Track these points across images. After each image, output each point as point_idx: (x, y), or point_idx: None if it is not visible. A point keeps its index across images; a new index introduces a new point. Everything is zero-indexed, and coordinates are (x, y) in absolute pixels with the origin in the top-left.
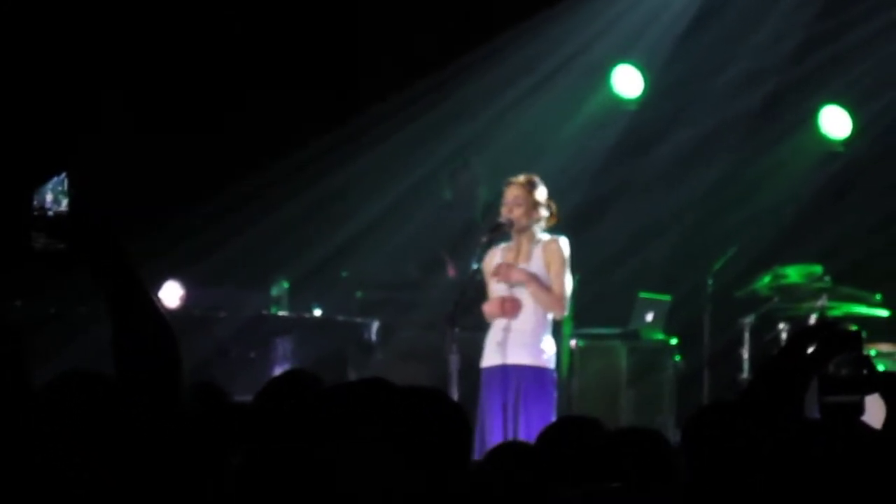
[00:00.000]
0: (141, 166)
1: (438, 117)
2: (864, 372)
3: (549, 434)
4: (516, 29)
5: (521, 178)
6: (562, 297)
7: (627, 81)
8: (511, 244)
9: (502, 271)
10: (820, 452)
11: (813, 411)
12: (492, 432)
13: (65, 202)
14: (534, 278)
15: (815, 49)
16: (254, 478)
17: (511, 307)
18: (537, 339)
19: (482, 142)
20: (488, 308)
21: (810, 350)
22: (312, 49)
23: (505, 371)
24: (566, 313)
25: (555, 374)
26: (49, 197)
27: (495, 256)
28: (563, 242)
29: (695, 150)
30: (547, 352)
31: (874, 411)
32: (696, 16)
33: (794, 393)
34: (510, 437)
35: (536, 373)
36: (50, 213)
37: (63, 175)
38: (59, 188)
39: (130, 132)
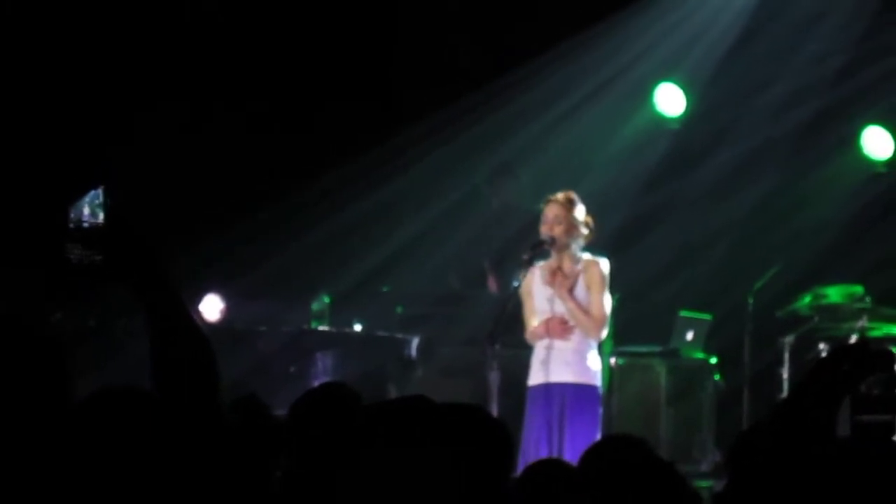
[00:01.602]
0: (183, 180)
1: (481, 134)
2: None
3: (591, 453)
4: (559, 47)
5: (561, 195)
6: (601, 319)
7: (670, 100)
8: (551, 262)
9: (558, 282)
10: (852, 471)
11: (845, 430)
12: (536, 451)
13: (101, 215)
14: (573, 299)
15: (857, 70)
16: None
17: (558, 329)
18: (580, 357)
19: (525, 159)
20: (536, 330)
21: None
22: (355, 65)
23: (548, 389)
24: (603, 336)
25: (599, 391)
26: (86, 210)
27: (535, 274)
28: (605, 264)
29: (736, 169)
30: (592, 368)
31: None
32: (739, 35)
33: (826, 412)
34: (553, 455)
35: (580, 390)
36: (85, 224)
37: (100, 188)
38: (96, 201)
39: (173, 145)
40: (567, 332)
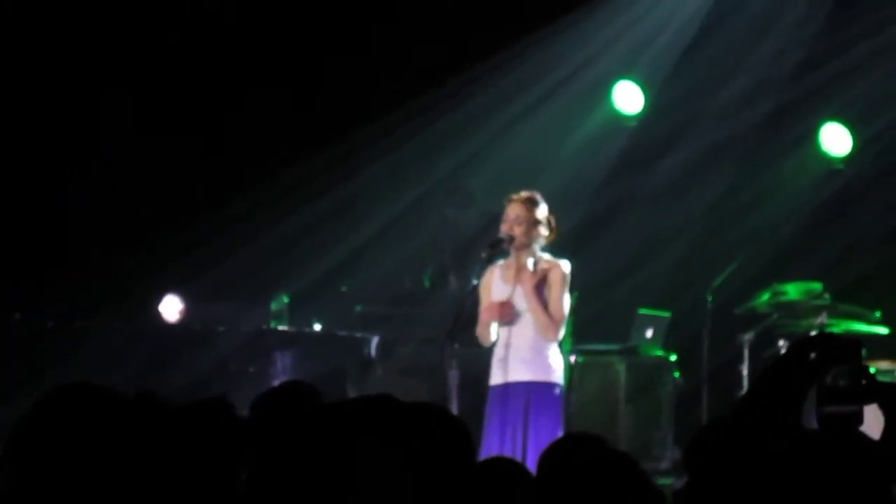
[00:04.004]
0: (141, 180)
1: (439, 133)
2: (864, 382)
3: (550, 452)
4: (517, 45)
5: (523, 194)
6: (559, 320)
7: (628, 98)
8: (510, 261)
9: (524, 278)
10: (818, 463)
11: (811, 421)
12: (496, 450)
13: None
14: (537, 296)
15: (815, 66)
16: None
17: (507, 311)
18: (538, 354)
19: (483, 158)
20: (485, 314)
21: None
22: (312, 66)
23: (507, 389)
24: (559, 338)
25: (561, 389)
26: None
27: (494, 273)
28: (565, 266)
29: (695, 166)
30: (553, 365)
31: (873, 422)
32: (697, 33)
33: (792, 402)
34: (509, 454)
35: (540, 387)
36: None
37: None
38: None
39: (131, 145)
40: (512, 312)
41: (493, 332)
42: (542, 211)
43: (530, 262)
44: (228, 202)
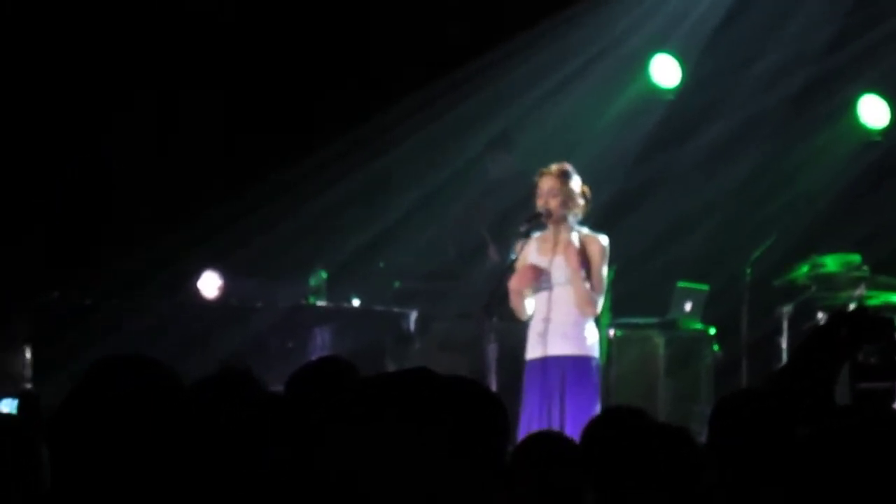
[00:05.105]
0: (180, 156)
1: (475, 107)
2: None
3: (593, 426)
4: (554, 19)
5: (555, 167)
6: (598, 294)
7: (665, 71)
8: (547, 234)
9: (567, 251)
10: (851, 438)
11: (844, 398)
12: (535, 424)
13: None
14: (578, 270)
15: (852, 38)
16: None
17: (538, 274)
18: (579, 329)
19: (519, 131)
20: (516, 281)
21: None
22: (347, 40)
23: (546, 363)
24: (598, 312)
25: (597, 362)
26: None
27: (531, 246)
28: (604, 240)
29: (732, 139)
30: (589, 339)
31: None
32: (733, 5)
33: (825, 378)
34: (548, 427)
35: (578, 361)
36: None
37: None
38: None
39: (170, 121)
40: (540, 278)
41: (529, 305)
42: (576, 183)
43: (572, 236)
44: (266, 178)
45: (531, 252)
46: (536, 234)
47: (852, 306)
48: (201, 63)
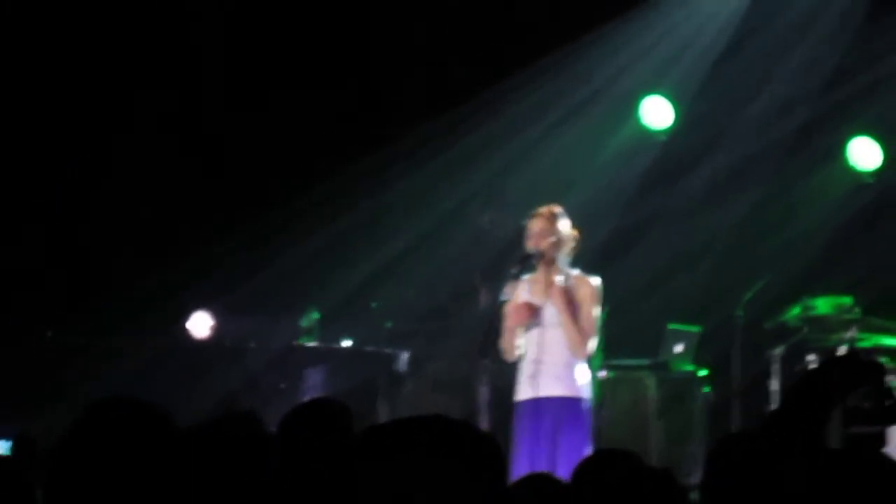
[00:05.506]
0: (172, 196)
1: (469, 148)
2: (887, 403)
3: (584, 468)
4: (546, 61)
5: (545, 209)
6: (589, 337)
7: (657, 112)
8: (537, 276)
9: (556, 293)
10: (842, 483)
11: (835, 441)
12: (527, 466)
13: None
14: (569, 312)
15: (844, 80)
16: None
17: (533, 311)
18: (570, 371)
19: (512, 173)
20: (512, 319)
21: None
22: (343, 79)
23: (537, 404)
24: (590, 354)
25: (589, 404)
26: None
27: (522, 288)
28: (596, 281)
29: (724, 181)
30: (580, 380)
31: None
32: (726, 47)
33: (816, 423)
34: (539, 470)
35: (570, 403)
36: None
37: None
38: None
39: (161, 160)
40: (535, 314)
41: (520, 345)
42: (566, 224)
43: (560, 278)
44: (258, 218)
45: (522, 294)
46: (527, 276)
47: (844, 349)
48: (193, 97)
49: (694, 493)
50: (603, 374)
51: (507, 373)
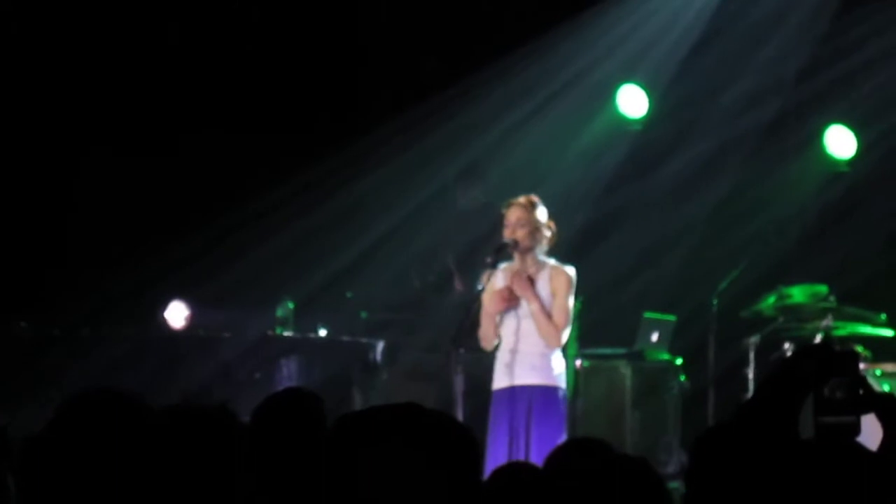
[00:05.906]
0: (146, 185)
1: (442, 138)
2: (861, 392)
3: (555, 456)
4: (520, 50)
5: (522, 199)
6: (562, 326)
7: (632, 101)
8: (514, 265)
9: (520, 283)
10: (814, 473)
11: (808, 432)
12: (502, 454)
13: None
14: (540, 301)
15: (820, 69)
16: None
17: (512, 295)
18: (546, 360)
19: (486, 163)
20: (492, 305)
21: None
22: (317, 70)
23: (512, 392)
24: (562, 344)
25: (564, 392)
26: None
27: (498, 277)
28: (571, 272)
29: (699, 169)
30: (556, 369)
31: (872, 433)
32: (701, 36)
33: (788, 413)
34: (515, 459)
35: (545, 391)
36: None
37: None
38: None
39: (137, 149)
40: (515, 300)
41: (496, 334)
42: (543, 214)
43: (534, 268)
44: (233, 208)
45: (498, 283)
46: (503, 266)
47: (819, 337)
48: (172, 94)
49: (671, 481)
50: (578, 363)
51: (481, 363)
